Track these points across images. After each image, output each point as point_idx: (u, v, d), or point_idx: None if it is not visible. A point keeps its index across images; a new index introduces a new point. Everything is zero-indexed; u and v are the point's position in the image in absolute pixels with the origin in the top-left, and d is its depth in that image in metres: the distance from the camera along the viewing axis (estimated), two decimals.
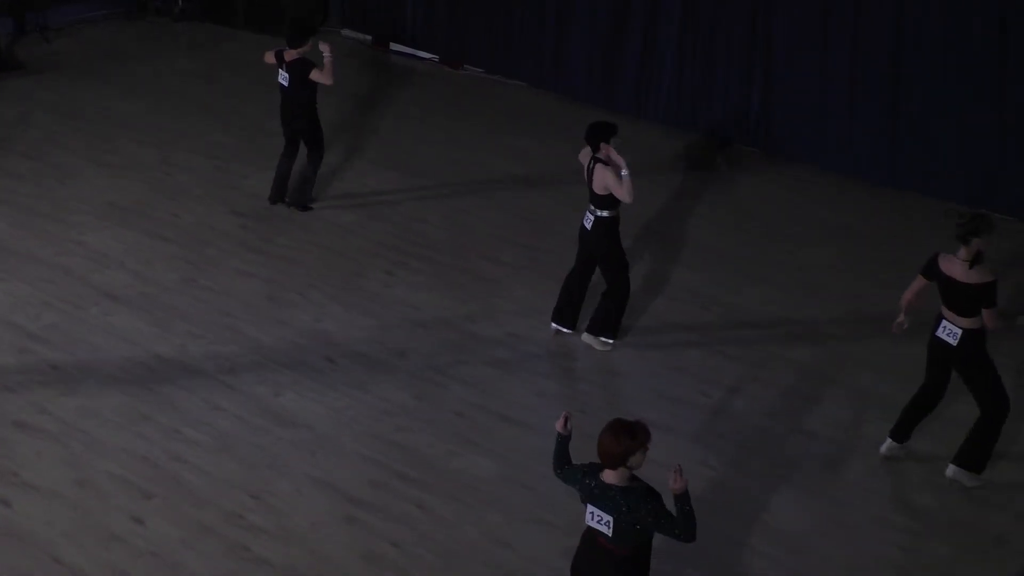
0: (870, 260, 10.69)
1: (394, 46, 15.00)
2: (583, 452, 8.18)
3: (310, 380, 8.69)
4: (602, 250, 8.93)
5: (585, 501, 5.75)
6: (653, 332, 9.46)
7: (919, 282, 7.79)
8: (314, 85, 10.58)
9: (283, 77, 10.64)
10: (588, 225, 8.89)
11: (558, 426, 6.05)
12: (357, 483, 7.70)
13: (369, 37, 15.24)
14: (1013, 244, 11.01)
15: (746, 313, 9.78)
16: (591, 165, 8.80)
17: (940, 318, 7.66)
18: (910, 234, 11.16)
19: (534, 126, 13.16)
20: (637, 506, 5.60)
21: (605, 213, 8.80)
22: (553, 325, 9.32)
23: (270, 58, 10.79)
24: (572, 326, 9.28)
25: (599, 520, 5.67)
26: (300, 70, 10.56)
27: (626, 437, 5.55)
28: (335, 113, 13.20)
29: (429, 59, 14.75)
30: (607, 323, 9.14)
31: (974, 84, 11.24)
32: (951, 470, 7.89)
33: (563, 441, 6.00)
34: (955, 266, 7.54)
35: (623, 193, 8.64)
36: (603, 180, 8.69)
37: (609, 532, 5.64)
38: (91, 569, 6.93)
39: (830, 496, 7.81)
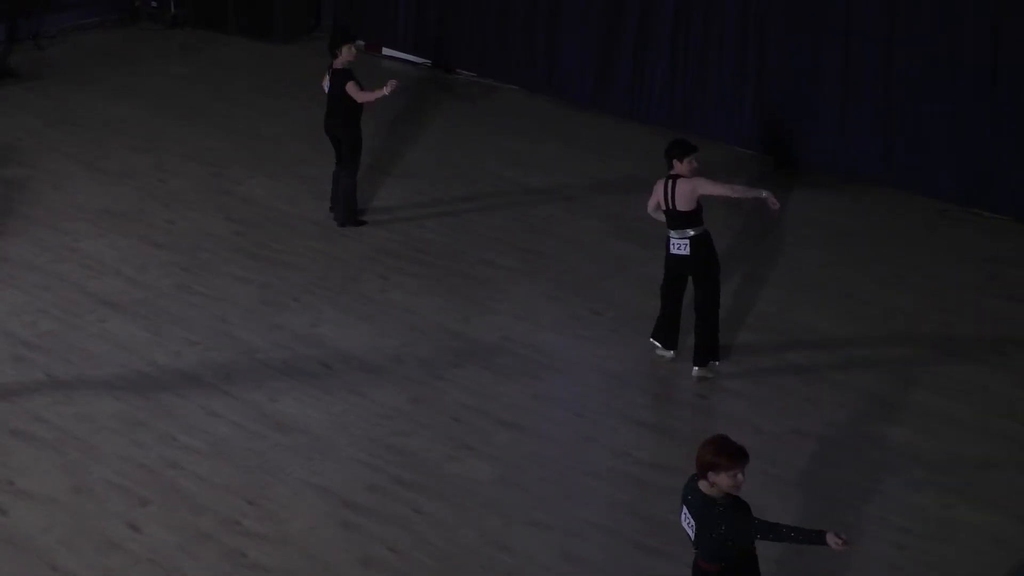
0: (863, 258, 10.70)
1: (386, 51, 15.00)
2: (580, 454, 8.19)
3: (306, 385, 8.69)
4: (705, 271, 8.71)
5: (683, 503, 5.78)
6: (648, 333, 9.45)
7: None
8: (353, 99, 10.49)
9: (327, 83, 10.69)
10: (686, 250, 8.63)
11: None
12: (354, 488, 7.69)
13: (361, 42, 15.23)
14: (1008, 243, 11.03)
15: (741, 313, 9.78)
16: (672, 182, 8.60)
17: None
18: (905, 233, 11.17)
19: (528, 129, 13.16)
20: (714, 515, 5.60)
21: (696, 231, 8.65)
22: (669, 353, 9.05)
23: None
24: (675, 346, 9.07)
25: (687, 522, 5.74)
26: (341, 79, 10.60)
27: (711, 451, 5.55)
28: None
29: (421, 63, 14.76)
30: (709, 347, 8.88)
31: (967, 83, 11.25)
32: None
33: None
34: None
35: (724, 189, 8.67)
36: (691, 193, 8.52)
37: (692, 535, 5.71)
38: None
39: (827, 496, 7.81)
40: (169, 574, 6.96)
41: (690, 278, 8.83)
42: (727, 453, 5.53)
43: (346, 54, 10.57)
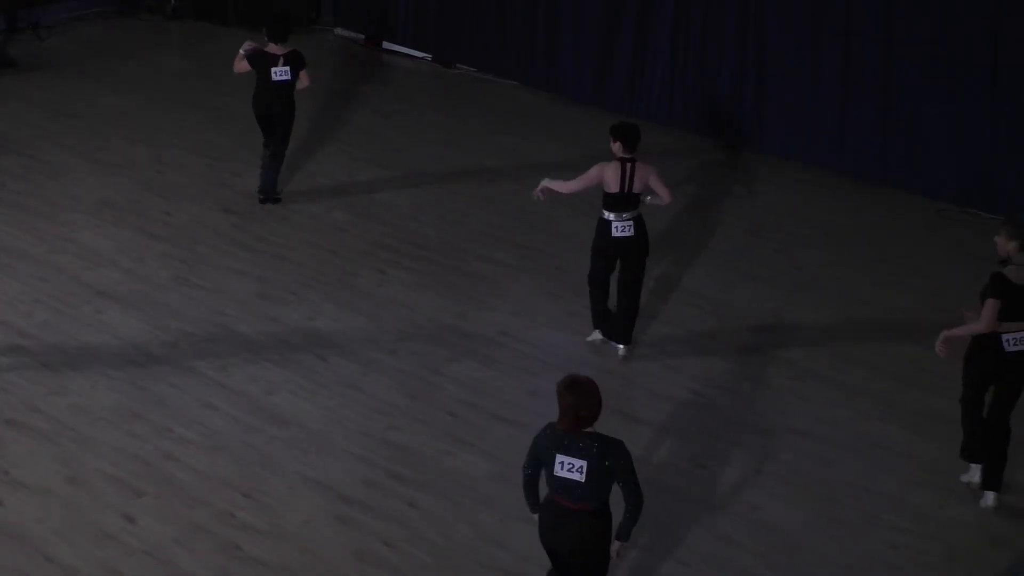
0: (862, 258, 10.70)
1: (386, 45, 14.99)
2: None
3: (302, 379, 8.68)
4: (645, 251, 8.77)
5: (555, 451, 5.81)
6: (645, 331, 9.45)
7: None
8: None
9: (282, 72, 10.52)
10: (630, 231, 8.60)
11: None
12: (350, 482, 7.69)
13: (362, 36, 15.23)
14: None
15: (738, 311, 9.79)
16: (630, 165, 8.54)
17: None
18: (903, 233, 11.18)
19: (526, 125, 13.15)
20: (610, 451, 5.77)
21: (638, 212, 8.66)
22: (601, 335, 9.13)
23: (244, 66, 10.58)
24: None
25: (570, 468, 5.76)
26: (297, 63, 10.56)
27: (584, 394, 5.79)
28: (327, 112, 13.19)
29: (421, 58, 14.74)
30: (633, 325, 9.00)
31: (966, 83, 11.26)
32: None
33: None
34: None
35: (666, 191, 8.60)
36: (646, 177, 8.55)
37: (582, 478, 5.74)
38: (83, 567, 6.91)
39: (822, 494, 7.82)
40: (164, 566, 6.96)
41: (619, 261, 8.77)
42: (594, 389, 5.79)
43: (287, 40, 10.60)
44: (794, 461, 8.09)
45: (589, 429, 5.85)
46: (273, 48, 10.56)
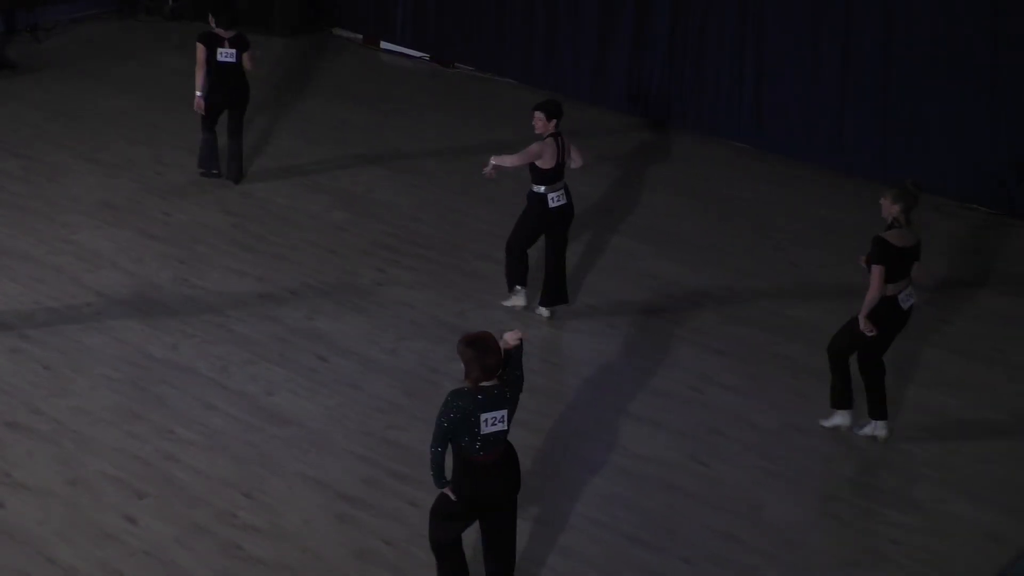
0: (861, 255, 10.68)
1: (385, 44, 15.00)
2: (574, 448, 8.20)
3: (302, 378, 8.69)
4: (572, 215, 9.33)
5: (480, 412, 6.01)
6: (643, 328, 9.47)
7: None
8: None
9: (228, 55, 10.94)
10: (565, 200, 9.16)
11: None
12: (350, 481, 7.70)
13: (360, 36, 15.24)
14: (1004, 239, 11.04)
15: (737, 308, 9.80)
16: (561, 139, 9.07)
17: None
18: None
19: (526, 123, 13.11)
20: (512, 387, 6.13)
21: (564, 181, 9.20)
22: (546, 311, 9.49)
23: (201, 56, 10.97)
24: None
25: (495, 421, 6.04)
26: (241, 45, 11.01)
27: (494, 349, 6.02)
28: (326, 112, 13.20)
29: (420, 57, 14.76)
30: (563, 290, 9.49)
31: (966, 81, 11.27)
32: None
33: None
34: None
35: (579, 156, 9.18)
36: (571, 149, 9.10)
37: (507, 426, 6.08)
38: (84, 568, 6.92)
39: (822, 490, 7.83)
40: (165, 566, 6.97)
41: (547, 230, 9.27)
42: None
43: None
44: (794, 458, 8.10)
45: (494, 380, 6.07)
46: (220, 32, 10.95)
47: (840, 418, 8.26)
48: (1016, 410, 8.66)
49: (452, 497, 6.23)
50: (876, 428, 8.18)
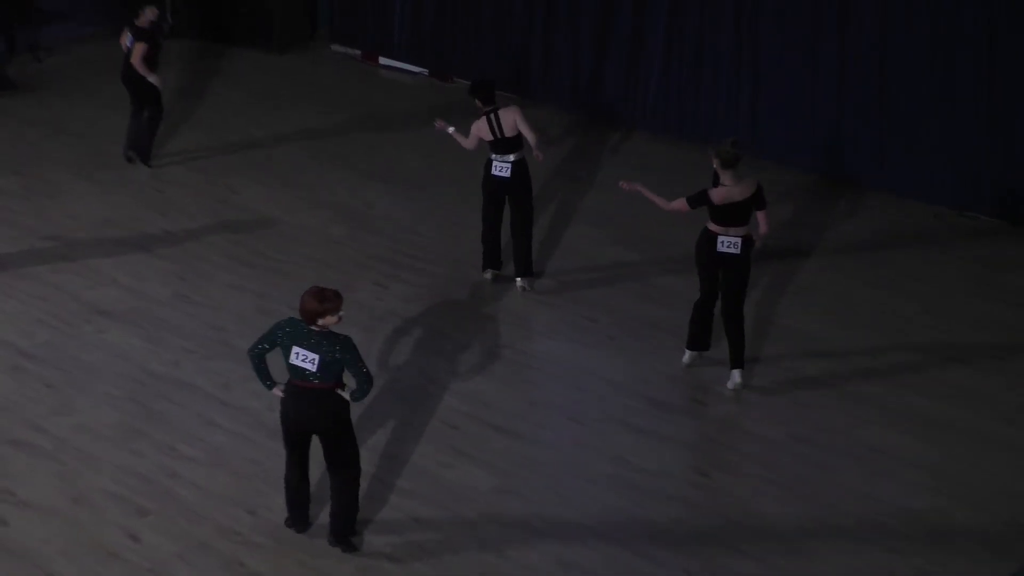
0: (861, 264, 10.72)
1: (383, 60, 15.04)
2: (577, 461, 8.20)
3: None
4: (524, 192, 9.83)
5: (291, 344, 6.89)
6: (644, 339, 9.48)
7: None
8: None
9: (129, 41, 11.87)
10: (507, 172, 9.72)
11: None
12: None
13: (358, 52, 15.28)
14: (1002, 247, 11.06)
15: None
16: (494, 115, 9.64)
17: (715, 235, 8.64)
18: (901, 237, 11.19)
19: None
20: (336, 346, 6.84)
21: (517, 156, 9.70)
22: (491, 272, 10.16)
23: (125, 38, 11.89)
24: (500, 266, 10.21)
25: (304, 359, 6.87)
26: (135, 35, 11.88)
27: (319, 300, 6.79)
28: (326, 127, 13.23)
29: (418, 72, 14.79)
30: (530, 261, 10.05)
31: (963, 85, 11.29)
32: (736, 376, 8.88)
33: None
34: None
35: (529, 130, 9.62)
36: (513, 121, 9.59)
37: (315, 368, 6.85)
38: None
39: (824, 500, 7.83)
40: None
41: (508, 200, 9.88)
42: (332, 299, 6.81)
43: (148, 14, 11.79)
44: (794, 468, 8.11)
45: (321, 327, 6.84)
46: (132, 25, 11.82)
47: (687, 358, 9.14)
48: (1018, 418, 8.66)
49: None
50: (734, 379, 8.86)
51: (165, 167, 12.15)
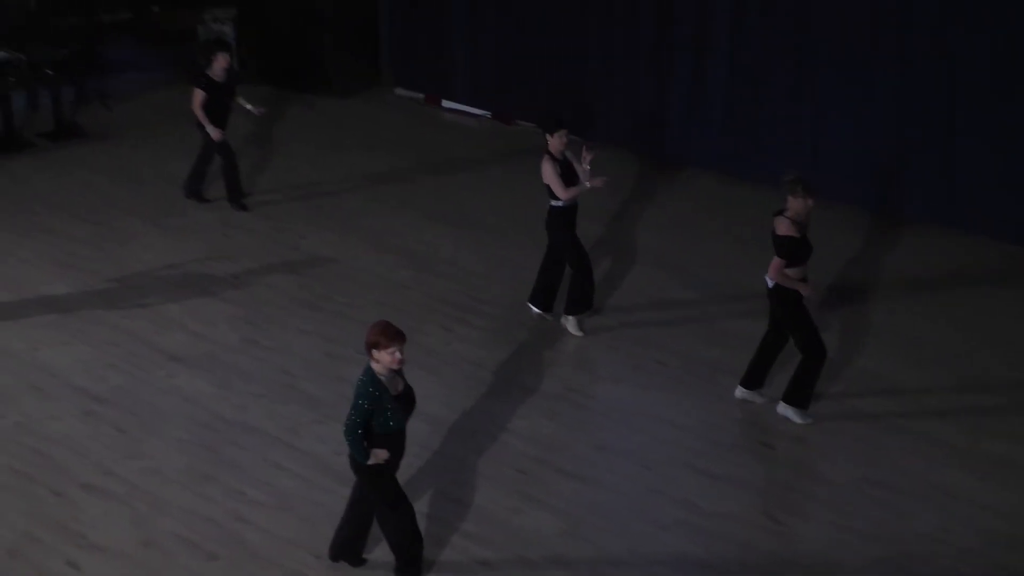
0: (931, 304, 10.57)
1: (446, 103, 15.14)
2: (646, 506, 8.12)
3: None
4: (552, 238, 10.04)
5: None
6: (707, 380, 9.39)
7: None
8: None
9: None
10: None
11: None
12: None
13: (421, 95, 15.40)
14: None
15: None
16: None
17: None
18: (971, 277, 11.03)
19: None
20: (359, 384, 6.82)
21: (550, 203, 9.91)
22: (536, 311, 10.24)
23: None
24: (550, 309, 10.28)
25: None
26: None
27: (376, 331, 6.72)
28: (391, 171, 13.32)
29: (481, 115, 14.87)
30: (583, 300, 10.07)
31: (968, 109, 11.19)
32: (781, 407, 8.88)
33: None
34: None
35: (557, 188, 9.76)
36: (543, 173, 9.87)
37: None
38: None
39: (898, 547, 7.68)
40: None
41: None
42: (388, 334, 6.65)
43: (221, 60, 12.34)
44: (867, 512, 7.98)
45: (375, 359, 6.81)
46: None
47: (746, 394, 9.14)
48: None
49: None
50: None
51: (232, 213, 12.29)
